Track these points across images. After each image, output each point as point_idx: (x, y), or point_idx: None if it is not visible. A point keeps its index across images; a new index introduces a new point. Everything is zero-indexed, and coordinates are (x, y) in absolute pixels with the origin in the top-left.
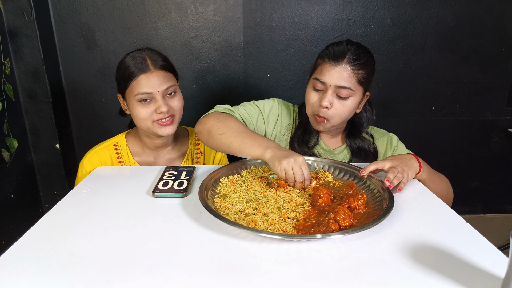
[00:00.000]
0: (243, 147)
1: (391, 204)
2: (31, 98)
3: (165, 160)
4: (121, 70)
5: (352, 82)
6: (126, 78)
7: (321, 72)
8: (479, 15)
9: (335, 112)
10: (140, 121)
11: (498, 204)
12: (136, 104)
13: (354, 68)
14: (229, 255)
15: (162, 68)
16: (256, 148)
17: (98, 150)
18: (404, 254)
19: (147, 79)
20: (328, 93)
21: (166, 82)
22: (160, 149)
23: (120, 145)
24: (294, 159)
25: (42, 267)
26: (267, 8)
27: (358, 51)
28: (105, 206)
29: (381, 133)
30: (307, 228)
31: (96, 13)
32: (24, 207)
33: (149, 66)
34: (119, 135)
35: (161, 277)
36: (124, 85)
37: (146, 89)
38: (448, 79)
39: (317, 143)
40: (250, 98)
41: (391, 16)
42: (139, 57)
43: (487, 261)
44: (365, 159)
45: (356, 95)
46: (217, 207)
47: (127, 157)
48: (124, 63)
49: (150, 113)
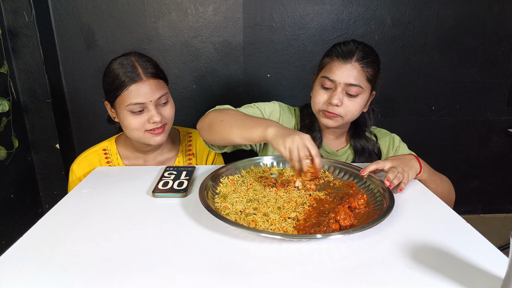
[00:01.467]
0: (244, 129)
1: (391, 204)
2: (31, 98)
3: (156, 162)
4: (109, 78)
5: (362, 80)
6: (115, 87)
7: (330, 70)
8: (479, 15)
9: (346, 109)
10: (132, 131)
11: (498, 204)
12: (127, 114)
13: (364, 66)
14: (229, 255)
15: (154, 76)
16: (257, 128)
17: (88, 154)
18: (404, 254)
19: (138, 89)
20: (337, 91)
21: (158, 91)
22: (150, 152)
23: (109, 149)
24: (299, 136)
25: (42, 267)
26: (267, 8)
27: (366, 50)
28: (105, 206)
29: (384, 133)
30: (307, 228)
31: (96, 13)
32: (24, 207)
33: (140, 75)
34: (108, 139)
35: (161, 277)
36: (114, 94)
37: (138, 100)
38: (448, 79)
39: (320, 146)
40: (250, 98)
41: (391, 16)
42: (128, 65)
43: (487, 261)
44: (369, 160)
45: (365, 93)
46: (217, 207)
47: (116, 162)
48: (112, 71)
49: (143, 123)
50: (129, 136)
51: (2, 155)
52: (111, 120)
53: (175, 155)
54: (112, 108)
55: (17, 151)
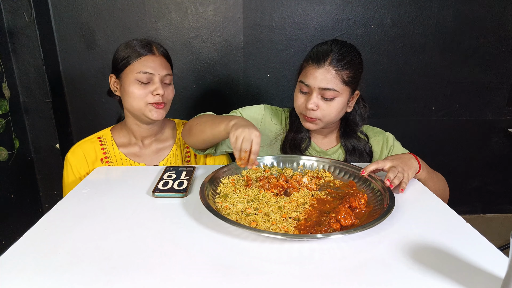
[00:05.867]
0: (213, 127)
1: (392, 204)
2: (31, 98)
3: (152, 150)
4: (124, 49)
5: (337, 83)
6: (128, 56)
7: (305, 74)
8: (479, 15)
9: (323, 112)
10: (134, 100)
11: (498, 204)
12: (134, 82)
13: (338, 69)
14: (230, 255)
15: (164, 56)
16: (222, 124)
17: (82, 143)
18: (404, 254)
19: (151, 60)
20: (313, 96)
21: (166, 69)
22: (146, 139)
23: (104, 138)
24: (249, 130)
25: (42, 267)
26: (267, 8)
27: (342, 51)
28: (105, 206)
29: (376, 132)
30: (308, 228)
31: (96, 13)
32: (24, 207)
33: (153, 50)
34: (103, 129)
35: (161, 277)
36: (125, 63)
37: (148, 69)
38: (448, 79)
39: (309, 145)
40: (250, 98)
41: (391, 16)
42: (144, 41)
43: (487, 261)
44: (360, 159)
45: (342, 95)
46: (218, 207)
47: (111, 148)
48: (129, 44)
49: (146, 94)
50: (129, 108)
51: (3, 156)
52: (111, 92)
53: (171, 144)
54: (117, 80)
55: (17, 151)
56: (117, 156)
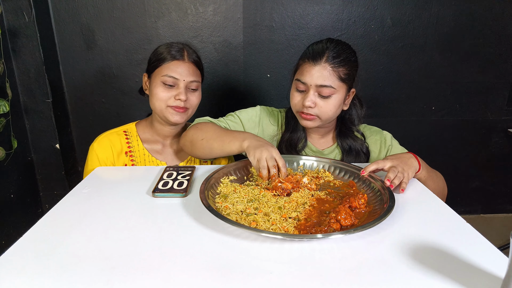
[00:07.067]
0: (223, 145)
1: (392, 204)
2: (31, 98)
3: (173, 150)
4: (158, 51)
5: (333, 80)
6: (159, 59)
7: (301, 73)
8: (479, 15)
9: (320, 110)
10: (156, 101)
11: (498, 204)
12: (159, 84)
13: (334, 66)
14: (230, 255)
15: (194, 63)
16: (234, 142)
17: (109, 134)
18: (404, 254)
19: (177, 66)
20: (310, 93)
21: (193, 75)
22: (169, 138)
23: (130, 132)
24: (267, 149)
25: (42, 267)
26: (267, 8)
27: (337, 48)
28: (105, 206)
29: (374, 131)
30: (308, 228)
31: (96, 13)
32: (24, 207)
33: (183, 56)
34: (128, 124)
35: (161, 277)
36: (156, 65)
37: (174, 74)
38: (448, 79)
39: (305, 145)
40: (250, 98)
41: (391, 16)
42: (177, 46)
43: (487, 261)
44: (357, 159)
45: (339, 92)
46: (218, 207)
47: (136, 143)
48: (163, 47)
49: (169, 97)
50: (153, 107)
51: (1, 155)
52: (142, 91)
53: None
54: (148, 79)
55: (17, 151)
56: (141, 152)
